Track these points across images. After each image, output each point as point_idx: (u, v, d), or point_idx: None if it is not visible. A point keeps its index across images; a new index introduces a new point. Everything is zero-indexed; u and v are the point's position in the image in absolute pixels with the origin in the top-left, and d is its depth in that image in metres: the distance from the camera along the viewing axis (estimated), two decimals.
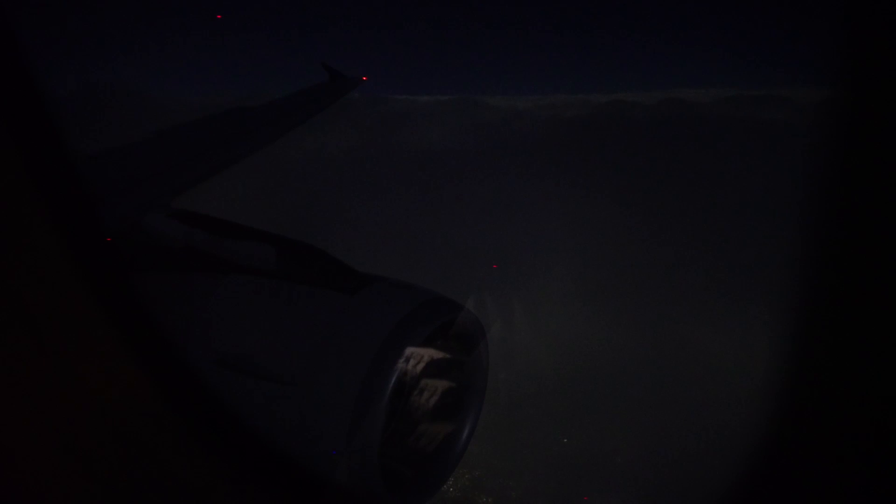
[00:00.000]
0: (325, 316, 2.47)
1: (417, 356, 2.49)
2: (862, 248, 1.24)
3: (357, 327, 2.38)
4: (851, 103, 1.24)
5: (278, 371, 2.33)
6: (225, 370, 2.35)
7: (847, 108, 1.24)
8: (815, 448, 1.35)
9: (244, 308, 2.61)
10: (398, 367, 2.29)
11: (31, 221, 1.22)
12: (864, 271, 1.24)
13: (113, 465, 1.30)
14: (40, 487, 1.27)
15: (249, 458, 1.55)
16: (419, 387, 2.53)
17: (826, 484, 1.33)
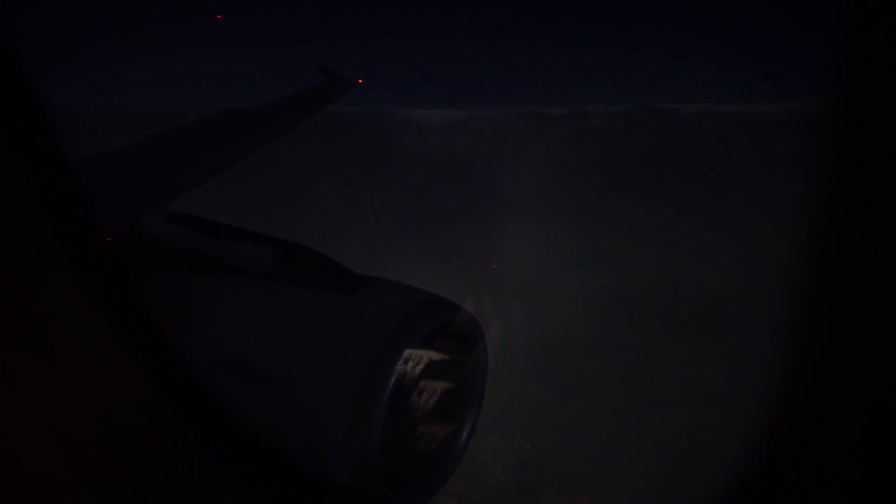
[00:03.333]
0: (323, 317, 2.47)
1: (416, 357, 2.49)
2: (862, 248, 1.24)
3: (355, 329, 2.38)
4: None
5: (277, 373, 2.33)
6: (223, 372, 2.35)
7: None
8: (816, 448, 1.35)
9: (242, 310, 2.61)
10: (397, 369, 2.29)
11: (29, 224, 1.22)
12: (864, 271, 1.25)
13: (112, 465, 1.30)
14: (40, 487, 1.27)
15: (249, 460, 1.55)
16: (418, 388, 2.54)
17: (826, 484, 1.33)
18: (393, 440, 2.45)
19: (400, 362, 2.32)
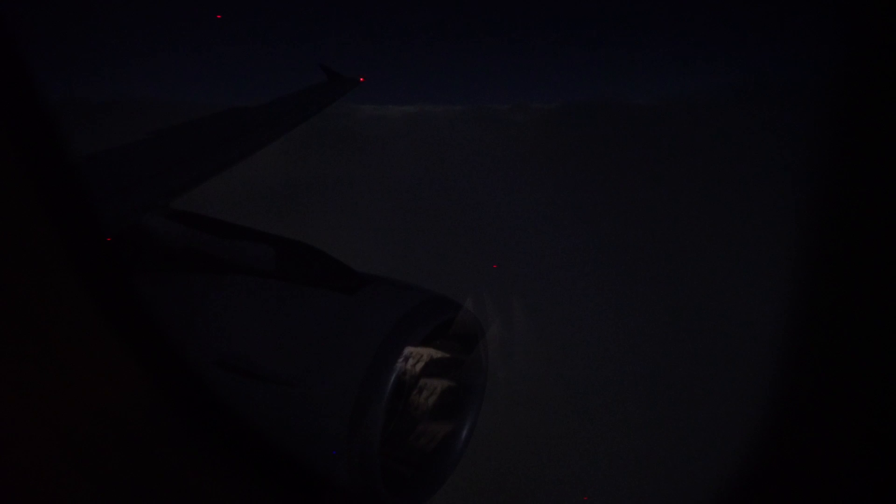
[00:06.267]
0: (324, 316, 2.47)
1: (416, 355, 2.49)
2: (862, 247, 1.24)
3: (356, 327, 2.38)
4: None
5: (278, 371, 2.33)
6: (224, 370, 2.35)
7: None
8: (815, 448, 1.35)
9: (243, 308, 2.62)
10: (397, 367, 2.29)
11: (29, 222, 1.22)
12: (864, 271, 1.24)
13: (113, 465, 1.30)
14: (40, 487, 1.27)
15: (249, 459, 1.55)
16: (418, 386, 2.54)
17: (826, 484, 1.33)
18: (393, 439, 2.46)
19: (400, 360, 2.32)
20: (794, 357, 1.37)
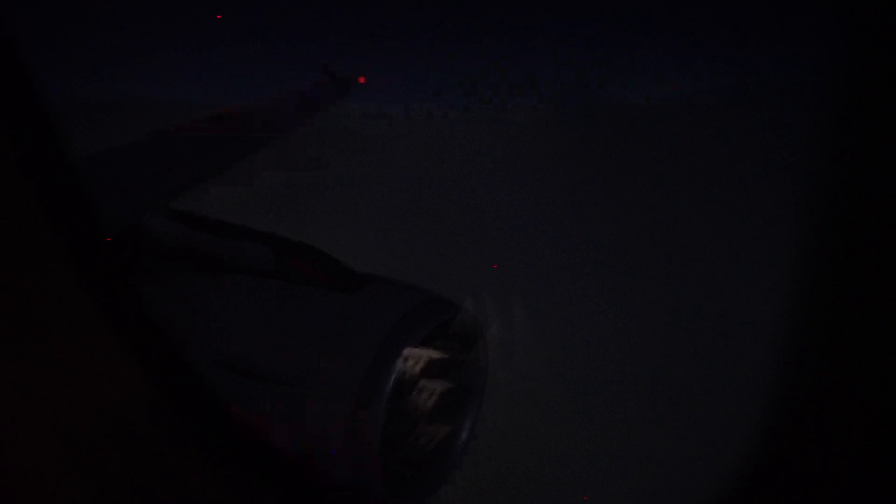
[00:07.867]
0: (324, 316, 2.47)
1: (416, 356, 2.49)
2: (862, 248, 1.24)
3: (355, 327, 2.39)
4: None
5: (278, 371, 2.33)
6: (223, 370, 2.36)
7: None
8: (815, 448, 1.35)
9: (243, 308, 2.62)
10: (397, 367, 2.29)
11: (29, 222, 1.22)
12: (864, 271, 1.24)
13: (113, 465, 1.30)
14: (40, 487, 1.27)
15: (249, 459, 1.55)
16: (418, 386, 2.54)
17: (826, 484, 1.33)
18: (393, 439, 2.46)
19: (400, 360, 2.33)
20: (794, 357, 1.37)
